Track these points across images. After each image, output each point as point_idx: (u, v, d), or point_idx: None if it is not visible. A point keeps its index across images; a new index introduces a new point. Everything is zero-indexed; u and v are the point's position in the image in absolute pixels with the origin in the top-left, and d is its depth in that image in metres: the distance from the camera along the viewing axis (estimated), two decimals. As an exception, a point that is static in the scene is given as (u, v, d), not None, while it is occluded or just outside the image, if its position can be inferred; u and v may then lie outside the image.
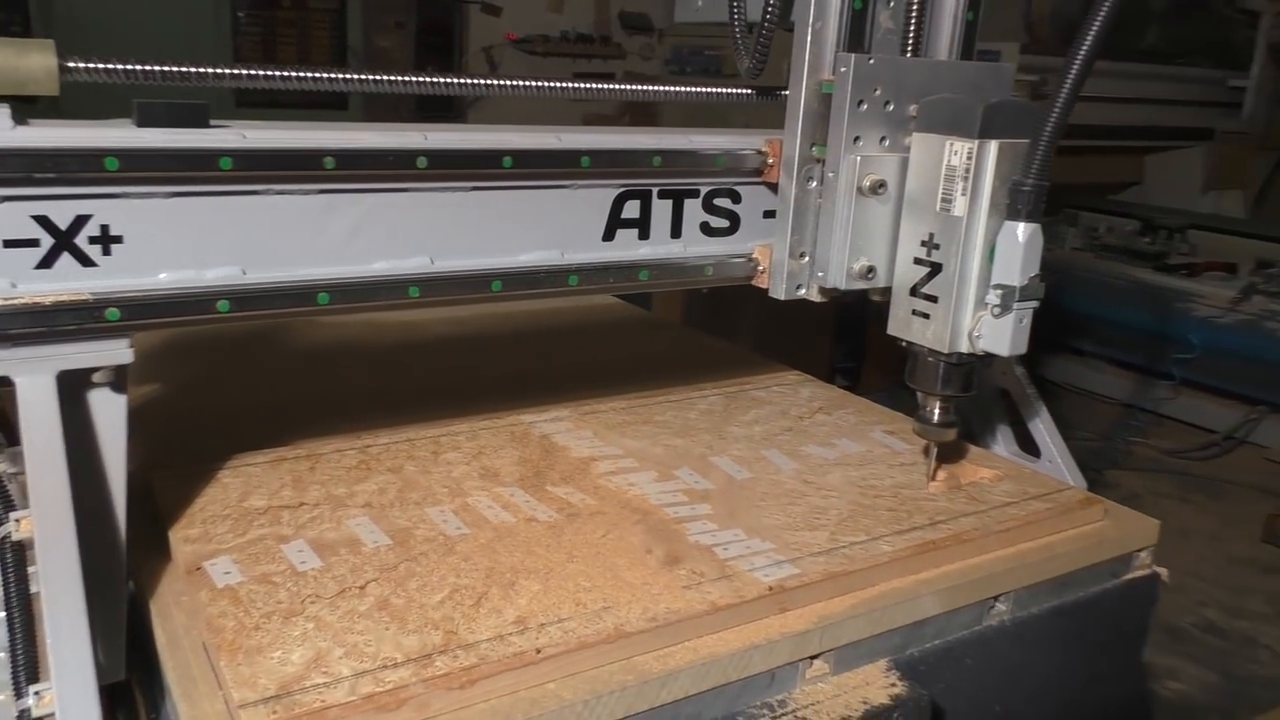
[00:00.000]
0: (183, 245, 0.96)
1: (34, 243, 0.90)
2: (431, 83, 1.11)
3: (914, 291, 1.17)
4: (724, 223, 1.27)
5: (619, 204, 1.19)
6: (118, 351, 0.94)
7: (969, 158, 1.09)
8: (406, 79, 1.07)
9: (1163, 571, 1.25)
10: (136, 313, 0.93)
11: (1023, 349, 1.13)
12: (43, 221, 0.90)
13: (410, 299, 1.07)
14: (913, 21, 1.19)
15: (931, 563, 1.09)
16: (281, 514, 1.10)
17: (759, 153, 1.24)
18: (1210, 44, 6.27)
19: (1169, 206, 6.05)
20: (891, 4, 1.20)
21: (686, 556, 1.04)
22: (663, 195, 1.22)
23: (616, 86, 1.25)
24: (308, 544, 1.04)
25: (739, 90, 1.30)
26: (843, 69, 1.13)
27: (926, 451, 1.27)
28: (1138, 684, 1.28)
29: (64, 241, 0.91)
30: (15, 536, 0.89)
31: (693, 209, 1.24)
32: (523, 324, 1.83)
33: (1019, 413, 1.46)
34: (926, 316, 1.16)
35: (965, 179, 1.10)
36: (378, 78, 1.06)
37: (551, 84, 1.22)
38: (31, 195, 0.88)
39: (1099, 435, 4.64)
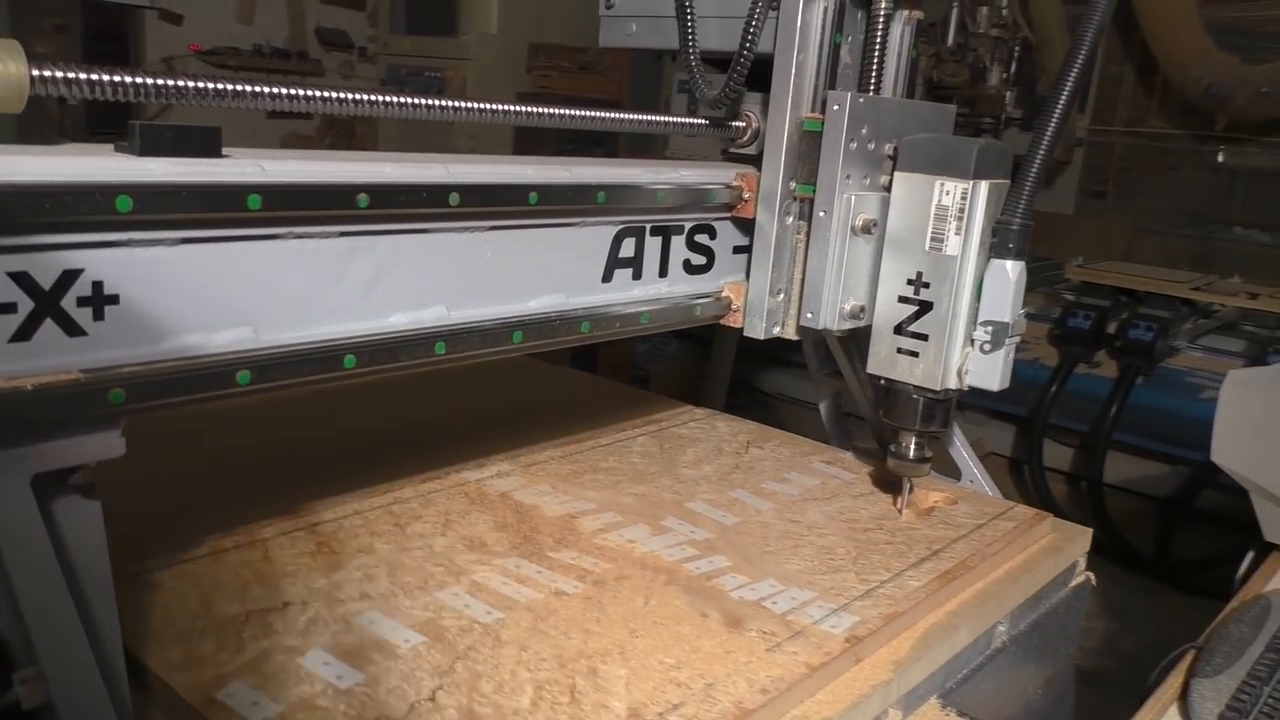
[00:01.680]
0: (188, 304, 0.78)
1: (10, 308, 0.68)
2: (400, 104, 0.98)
3: (899, 330, 1.19)
4: (702, 259, 1.23)
5: (618, 242, 1.11)
6: (108, 443, 0.74)
7: (963, 198, 1.13)
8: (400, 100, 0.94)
9: (1091, 575, 1.36)
10: (142, 393, 0.73)
11: (1008, 383, 1.18)
12: (21, 280, 0.68)
13: (435, 356, 0.93)
14: (874, 59, 1.21)
15: (952, 593, 1.11)
16: (270, 619, 0.91)
17: (730, 187, 1.20)
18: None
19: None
20: (850, 40, 1.22)
21: (745, 616, 0.98)
22: (654, 232, 1.15)
23: (576, 113, 1.17)
24: (329, 653, 0.87)
25: (695, 121, 1.25)
26: (835, 107, 1.13)
27: (899, 485, 1.29)
28: (1072, 685, 1.38)
29: (47, 305, 0.70)
30: (27, 704, 0.66)
31: (678, 246, 1.19)
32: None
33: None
34: (915, 355, 1.18)
35: (959, 219, 1.13)
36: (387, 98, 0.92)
37: (507, 108, 1.12)
38: (10, 247, 0.67)
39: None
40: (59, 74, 0.70)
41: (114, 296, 0.73)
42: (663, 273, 1.17)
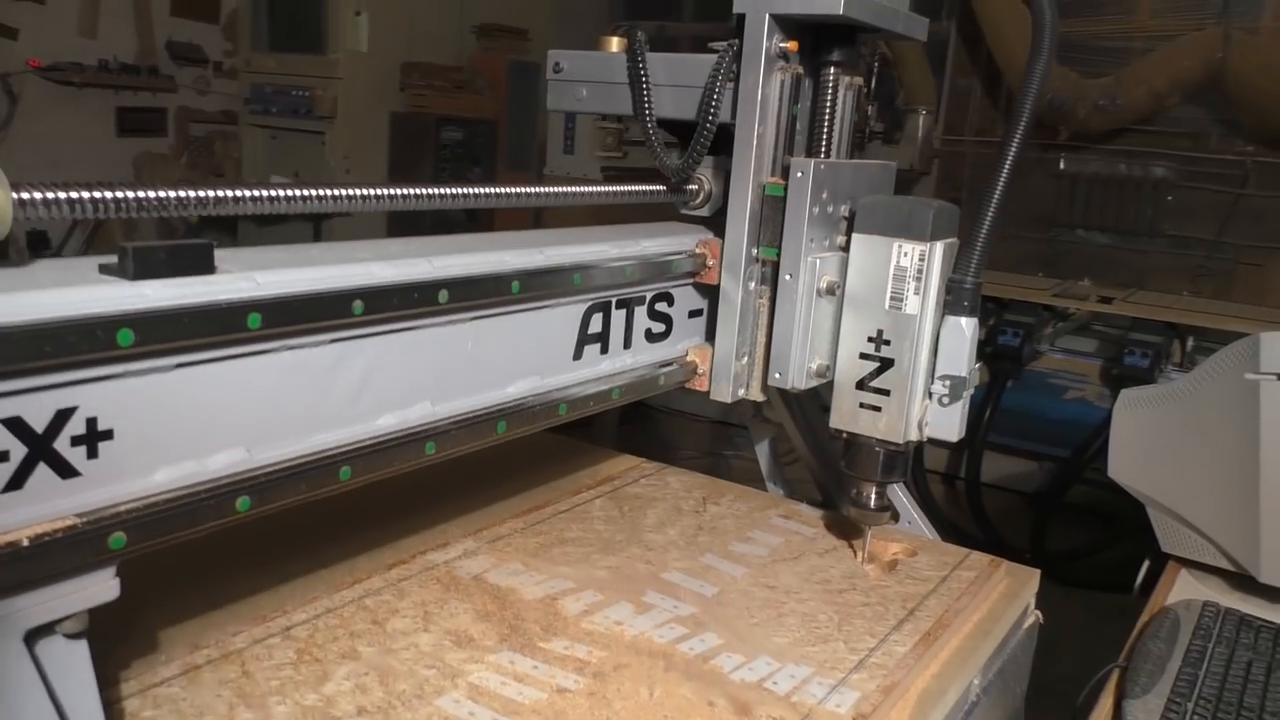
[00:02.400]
0: (181, 430, 0.72)
1: (2, 457, 0.62)
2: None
3: (861, 385, 1.21)
4: (661, 327, 1.22)
5: (587, 319, 1.09)
6: (104, 586, 0.68)
7: (921, 259, 1.16)
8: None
9: (1039, 614, 1.41)
10: (143, 533, 0.68)
11: (964, 433, 1.22)
12: (14, 426, 0.62)
13: (427, 457, 0.89)
14: (824, 124, 1.23)
15: (935, 654, 1.13)
16: (264, 747, 0.86)
17: (694, 255, 1.20)
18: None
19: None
20: (798, 105, 1.24)
21: (751, 701, 0.98)
22: (619, 305, 1.14)
23: (554, 190, 1.14)
24: (336, 782, 0.82)
25: (653, 188, 1.25)
26: (799, 174, 1.14)
27: (858, 535, 1.32)
28: (1023, 718, 1.44)
29: (40, 449, 0.64)
30: None
31: (640, 316, 1.18)
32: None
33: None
34: (878, 409, 1.20)
35: (918, 279, 1.16)
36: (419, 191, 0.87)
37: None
38: (4, 391, 0.61)
39: (703, 452, 5.08)
40: (41, 195, 0.64)
41: (108, 432, 0.67)
42: (627, 344, 1.16)
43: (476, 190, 0.99)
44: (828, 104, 1.21)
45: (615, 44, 1.28)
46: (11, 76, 6.06)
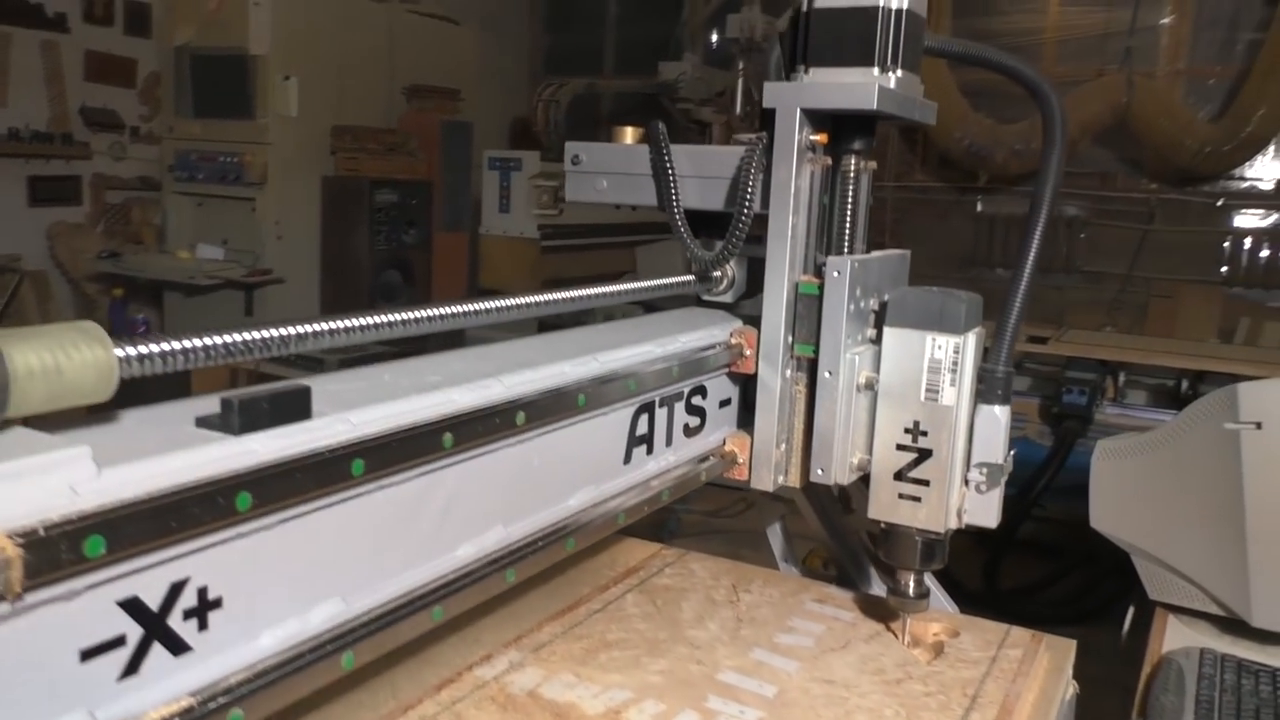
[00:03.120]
0: (283, 589, 0.68)
1: (118, 642, 0.58)
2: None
3: (899, 476, 1.21)
4: (696, 420, 1.21)
5: (634, 422, 1.08)
6: (216, 765, 0.64)
7: (955, 351, 1.17)
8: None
9: (1075, 684, 1.41)
10: (256, 703, 0.64)
11: (1000, 518, 1.23)
12: (131, 607, 0.58)
13: (509, 585, 0.86)
14: (848, 216, 1.24)
15: (999, 741, 1.13)
16: None
17: (730, 346, 1.20)
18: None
19: (663, 292, 6.83)
20: (827, 195, 1.24)
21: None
22: (662, 403, 1.12)
23: (586, 293, 1.12)
24: None
25: (683, 279, 1.24)
26: (836, 273, 1.15)
27: (894, 616, 1.31)
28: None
29: (155, 628, 0.60)
30: None
31: (679, 412, 1.16)
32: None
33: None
34: (917, 499, 1.21)
35: (953, 370, 1.17)
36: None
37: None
38: (125, 572, 0.57)
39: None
40: (145, 350, 0.61)
41: (217, 600, 0.63)
42: (669, 441, 1.15)
43: (529, 300, 0.97)
44: (850, 193, 1.22)
45: (630, 135, 1.27)
46: (-85, 147, 5.82)
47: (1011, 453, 1.21)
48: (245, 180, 5.15)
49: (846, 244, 1.22)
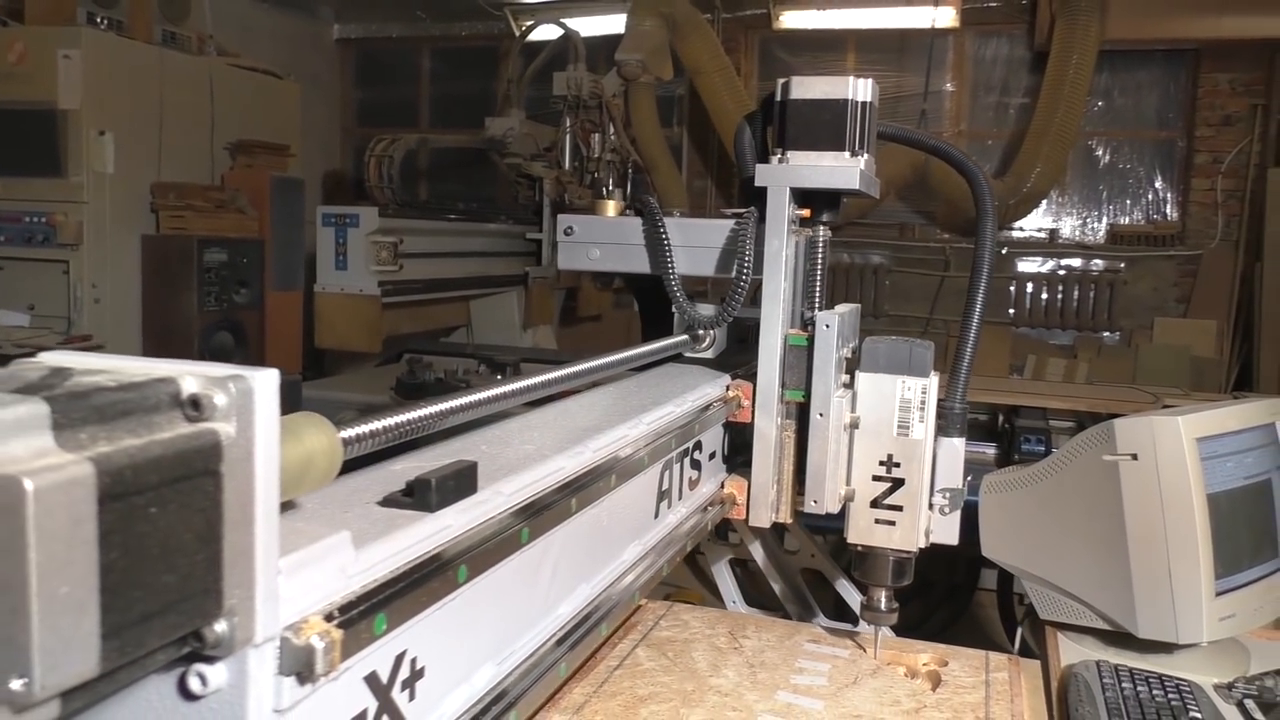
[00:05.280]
0: (460, 654, 0.71)
1: (361, 718, 0.60)
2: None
3: (875, 504, 1.33)
4: (696, 473, 1.28)
5: (661, 477, 1.14)
6: (418, 835, 0.66)
7: (923, 391, 1.30)
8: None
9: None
10: (459, 770, 0.66)
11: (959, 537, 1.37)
12: (371, 681, 0.60)
13: (602, 638, 0.91)
14: (817, 275, 1.36)
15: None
16: None
17: (727, 399, 1.29)
18: (503, 204, 7.30)
19: (496, 344, 6.84)
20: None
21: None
22: (678, 459, 1.19)
23: (586, 365, 1.18)
24: None
25: (677, 340, 1.32)
26: (826, 325, 1.26)
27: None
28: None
29: (385, 700, 0.62)
30: None
31: (686, 465, 1.24)
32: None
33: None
34: (892, 524, 1.33)
35: (921, 408, 1.31)
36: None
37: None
38: (372, 650, 0.59)
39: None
40: (365, 430, 0.63)
41: (422, 670, 0.66)
42: (680, 494, 1.22)
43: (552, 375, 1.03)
44: (819, 256, 1.34)
45: (612, 208, 1.35)
46: None
47: (968, 479, 1.36)
48: (56, 241, 4.80)
49: (818, 301, 1.34)
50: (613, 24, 6.65)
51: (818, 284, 1.36)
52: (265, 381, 0.48)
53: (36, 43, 4.84)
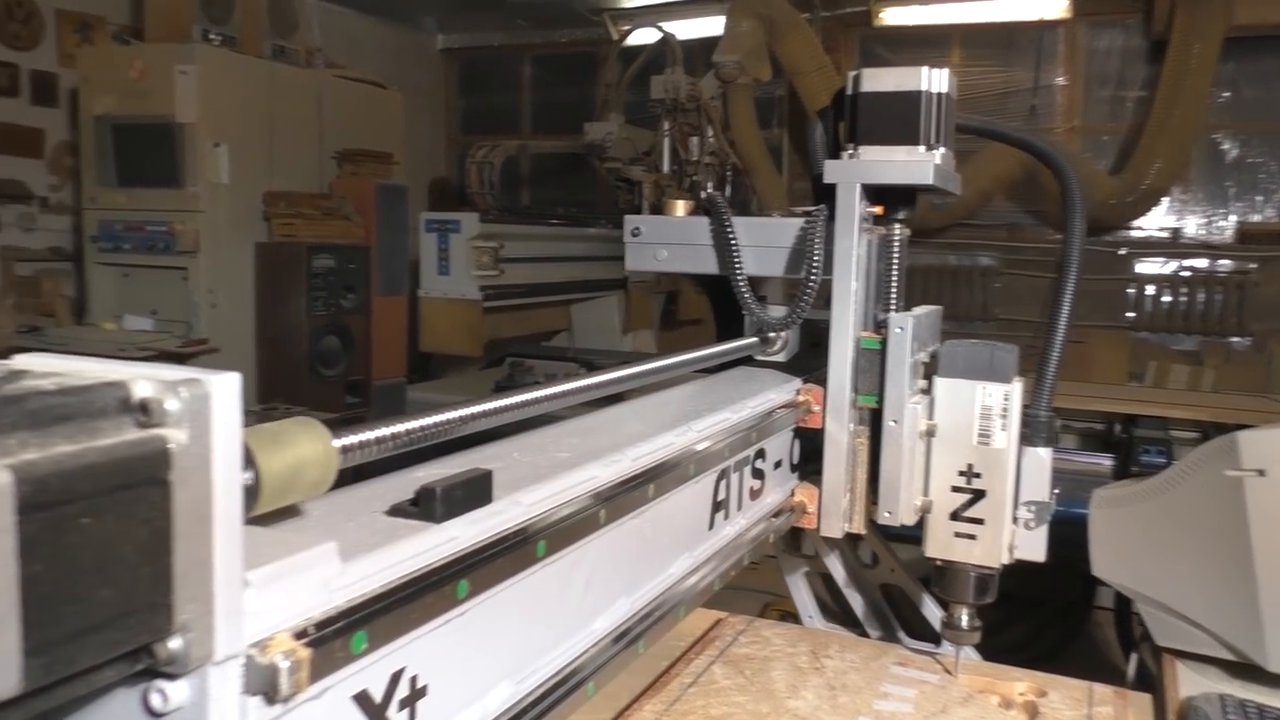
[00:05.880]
0: (469, 672, 0.68)
1: (349, 737, 0.57)
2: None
3: (955, 516, 1.26)
4: (758, 483, 1.23)
5: (715, 487, 1.09)
6: None
7: (1005, 398, 1.22)
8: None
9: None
10: (461, 794, 0.63)
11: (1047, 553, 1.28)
12: (362, 700, 0.57)
13: (639, 656, 0.86)
14: (893, 277, 1.29)
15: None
16: None
17: (796, 404, 1.23)
18: (603, 208, 7.33)
19: (597, 348, 6.86)
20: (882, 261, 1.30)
21: None
22: (736, 468, 1.14)
23: (650, 366, 1.13)
24: None
25: (747, 342, 1.27)
26: (899, 329, 1.19)
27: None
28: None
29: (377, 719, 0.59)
30: None
31: (746, 476, 1.19)
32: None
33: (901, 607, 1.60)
34: (972, 537, 1.25)
35: (1003, 416, 1.22)
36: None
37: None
38: (362, 666, 0.56)
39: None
40: (360, 438, 0.61)
41: (424, 689, 0.62)
42: (739, 505, 1.17)
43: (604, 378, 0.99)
44: (895, 256, 1.27)
45: (680, 208, 1.31)
46: None
47: (1055, 491, 1.27)
48: (176, 249, 5.02)
49: (894, 303, 1.27)
50: (710, 26, 6.60)
51: (893, 285, 1.29)
52: (223, 386, 0.45)
53: (155, 60, 5.06)
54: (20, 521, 0.37)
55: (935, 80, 1.24)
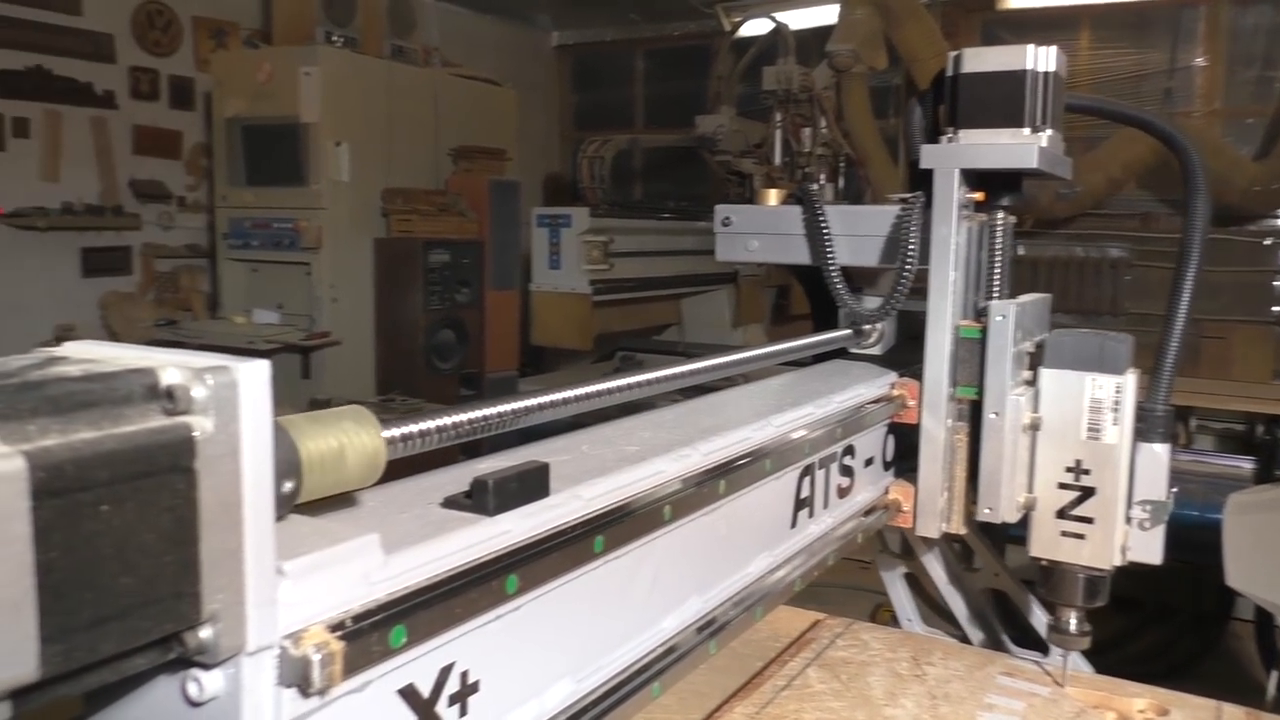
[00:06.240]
0: (525, 668, 0.66)
1: (393, 733, 0.56)
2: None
3: (1062, 514, 1.19)
4: (847, 481, 1.18)
5: (799, 484, 1.06)
6: None
7: (1116, 390, 1.15)
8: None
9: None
10: (513, 794, 0.62)
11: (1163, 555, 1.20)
12: (408, 695, 0.56)
13: (709, 657, 0.84)
14: (997, 265, 1.23)
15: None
16: None
17: (891, 398, 1.19)
18: (714, 201, 7.29)
19: (707, 343, 6.82)
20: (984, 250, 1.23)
21: None
22: (821, 465, 1.10)
23: (738, 356, 1.10)
24: None
25: (840, 334, 1.23)
26: (1000, 317, 1.14)
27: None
28: None
29: (427, 715, 0.58)
30: None
31: (833, 473, 1.14)
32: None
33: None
34: (1081, 537, 1.18)
35: (1114, 409, 1.15)
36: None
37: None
38: (407, 660, 0.55)
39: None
40: (408, 430, 0.60)
41: (475, 684, 0.61)
42: (825, 503, 1.13)
43: (700, 365, 0.96)
44: (997, 245, 1.21)
45: (774, 197, 1.27)
46: (-26, 223, 5.93)
47: (1174, 490, 1.19)
48: (300, 245, 5.20)
49: (997, 293, 1.20)
50: (824, 15, 6.48)
51: (996, 273, 1.22)
52: (252, 374, 0.45)
53: (282, 62, 5.26)
54: (35, 508, 0.37)
55: (1042, 58, 1.17)
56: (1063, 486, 1.18)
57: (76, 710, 0.52)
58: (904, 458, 1.30)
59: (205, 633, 0.44)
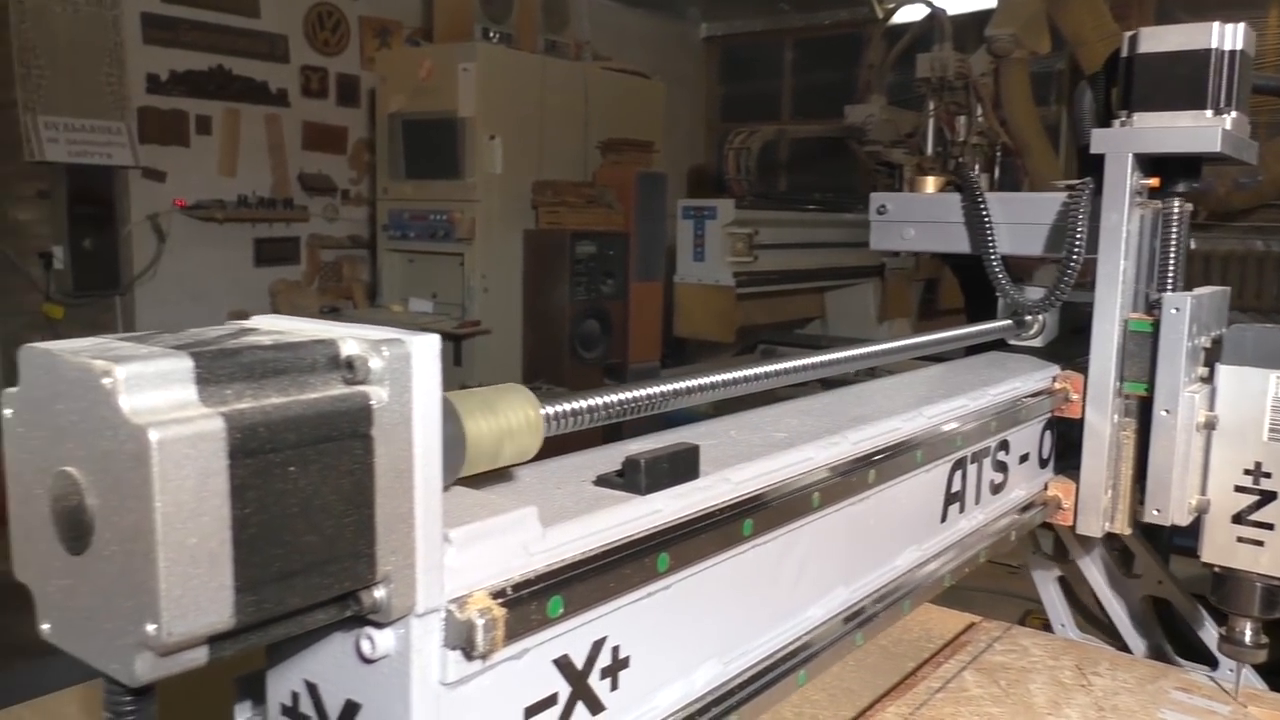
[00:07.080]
0: (673, 648, 0.67)
1: (551, 701, 0.57)
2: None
3: (1238, 519, 1.12)
4: (1000, 477, 1.15)
5: (950, 478, 1.03)
6: (621, 830, 0.62)
7: (1300, 392, 1.07)
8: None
9: None
10: (664, 770, 0.62)
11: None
12: (563, 665, 0.58)
13: (856, 648, 0.83)
14: (1173, 256, 1.16)
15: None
16: None
17: (1054, 393, 1.14)
18: (862, 193, 7.15)
19: (852, 336, 6.70)
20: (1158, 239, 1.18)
21: None
22: (974, 459, 1.07)
23: (900, 344, 1.09)
24: None
25: (1000, 324, 1.19)
26: (1174, 310, 1.08)
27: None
28: None
29: (580, 686, 0.59)
30: None
31: (987, 468, 1.11)
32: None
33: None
34: (1260, 544, 1.11)
35: (1297, 412, 1.08)
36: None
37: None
38: (562, 631, 0.57)
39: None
40: (565, 408, 0.61)
41: (626, 660, 0.62)
42: (978, 499, 1.09)
43: (849, 353, 0.95)
44: (1174, 235, 1.14)
45: (931, 184, 1.24)
46: (160, 216, 6.36)
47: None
48: (454, 236, 5.38)
49: (1171, 285, 1.14)
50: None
51: (1171, 264, 1.16)
52: (423, 347, 0.47)
53: (441, 59, 5.44)
54: (231, 466, 0.40)
55: (1229, 36, 1.10)
56: (1240, 490, 1.12)
57: (260, 665, 0.56)
58: (1064, 455, 1.25)
59: (379, 592, 0.47)
